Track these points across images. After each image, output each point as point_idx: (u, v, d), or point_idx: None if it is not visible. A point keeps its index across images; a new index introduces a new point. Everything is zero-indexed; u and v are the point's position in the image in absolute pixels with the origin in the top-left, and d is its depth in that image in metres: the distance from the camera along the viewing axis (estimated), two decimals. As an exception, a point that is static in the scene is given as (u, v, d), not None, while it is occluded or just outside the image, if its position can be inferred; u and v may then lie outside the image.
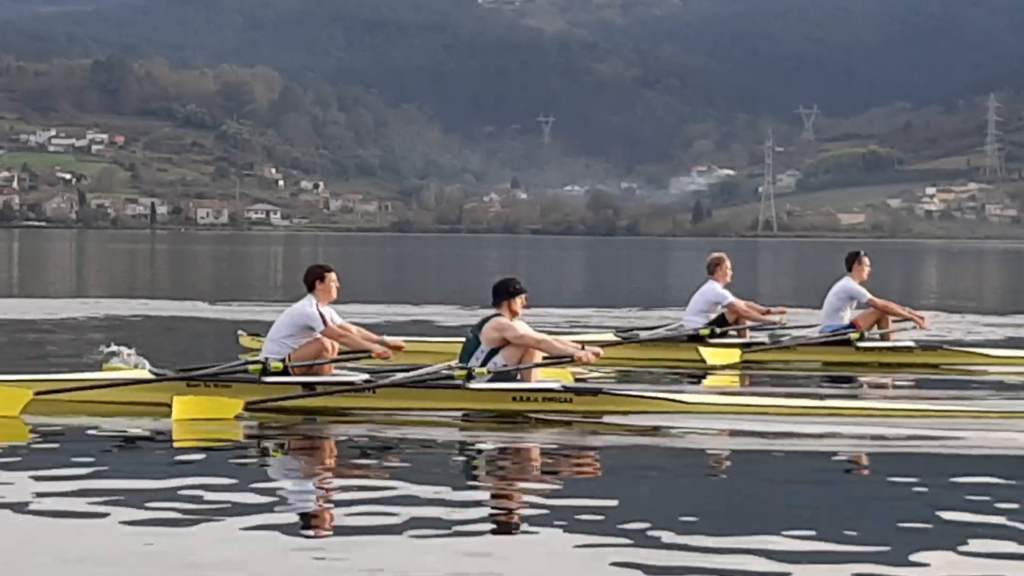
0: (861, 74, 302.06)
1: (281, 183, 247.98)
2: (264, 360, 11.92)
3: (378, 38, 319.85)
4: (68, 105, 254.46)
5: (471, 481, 9.18)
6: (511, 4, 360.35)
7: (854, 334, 16.31)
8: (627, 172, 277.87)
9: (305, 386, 11.71)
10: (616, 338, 16.94)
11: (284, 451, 10.34)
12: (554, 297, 30.67)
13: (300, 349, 11.99)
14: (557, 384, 11.99)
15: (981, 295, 40.88)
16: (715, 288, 16.80)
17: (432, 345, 16.51)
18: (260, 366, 11.87)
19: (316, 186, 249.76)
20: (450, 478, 8.98)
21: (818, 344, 16.50)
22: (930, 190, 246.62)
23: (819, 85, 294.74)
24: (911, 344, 16.68)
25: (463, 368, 11.75)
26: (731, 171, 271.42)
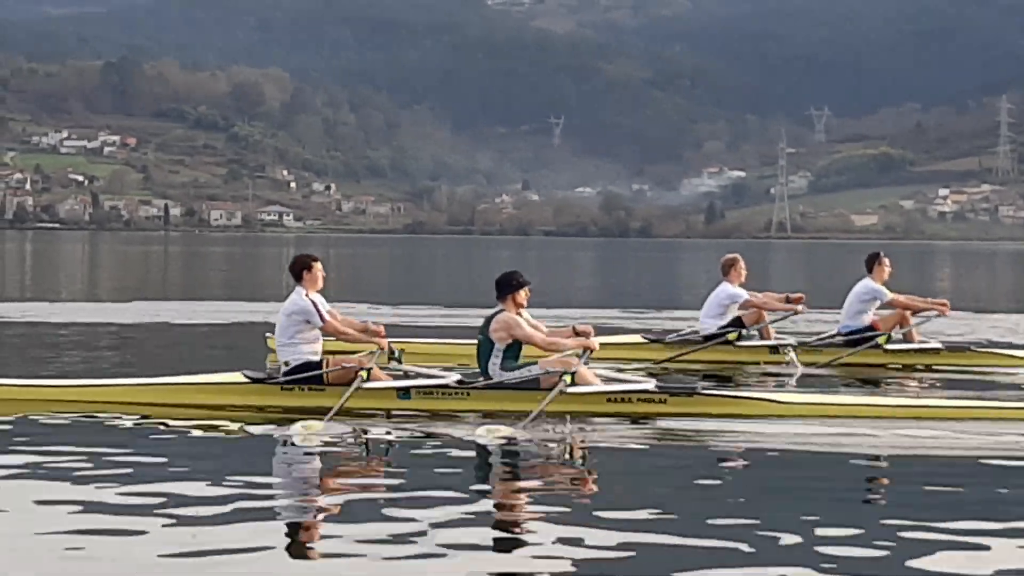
0: (871, 75, 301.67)
1: (293, 185, 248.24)
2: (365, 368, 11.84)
3: (388, 39, 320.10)
4: (80, 107, 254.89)
5: (554, 482, 9.13)
6: (520, 5, 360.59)
7: (881, 338, 16.26)
8: (637, 173, 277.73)
9: (400, 390, 11.82)
10: (643, 339, 16.97)
11: (369, 450, 10.41)
12: (571, 298, 30.55)
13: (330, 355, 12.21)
14: (651, 385, 11.98)
15: (995, 296, 40.74)
16: (728, 289, 16.67)
17: (451, 347, 16.54)
18: (366, 372, 11.79)
19: (328, 188, 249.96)
20: (535, 478, 9.13)
21: (844, 346, 16.44)
22: (943, 191, 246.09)
23: (829, 86, 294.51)
24: (938, 346, 16.67)
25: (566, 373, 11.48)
26: (742, 172, 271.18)
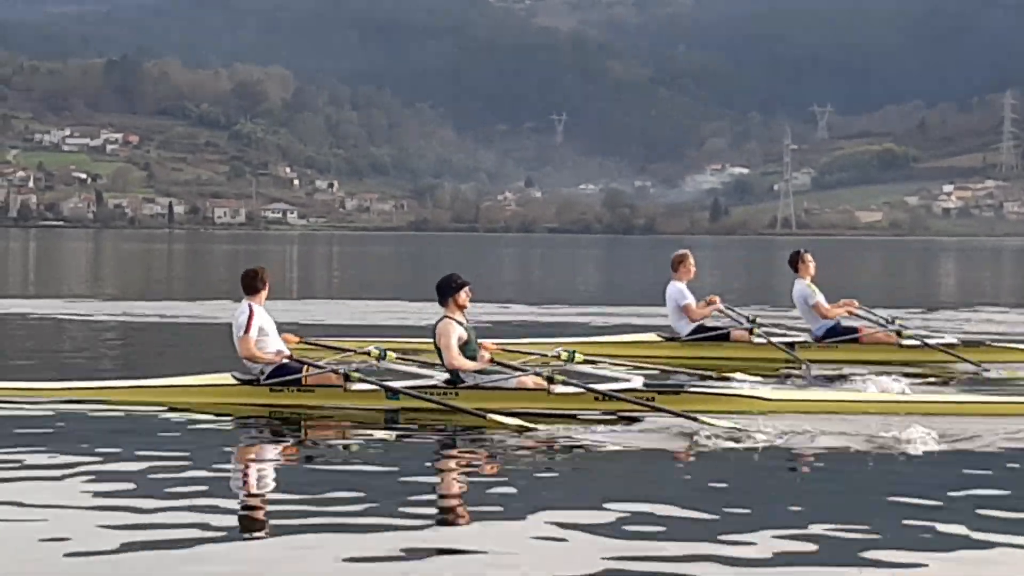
0: (874, 73, 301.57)
1: (296, 182, 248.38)
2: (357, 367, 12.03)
3: (390, 37, 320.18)
4: (82, 105, 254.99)
5: (548, 480, 9.13)
6: (521, 3, 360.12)
7: (894, 330, 16.38)
8: (640, 171, 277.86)
9: (388, 390, 11.78)
10: (659, 338, 17.01)
11: (362, 451, 10.37)
12: (576, 295, 30.47)
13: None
14: (639, 383, 11.95)
15: (998, 292, 40.72)
16: (677, 287, 16.73)
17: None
18: (344, 375, 11.86)
19: (331, 185, 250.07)
20: (528, 478, 9.08)
21: (862, 343, 16.41)
22: (947, 188, 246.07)
23: (832, 84, 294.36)
24: (954, 341, 16.61)
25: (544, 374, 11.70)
26: (745, 169, 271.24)
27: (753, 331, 16.45)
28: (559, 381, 11.56)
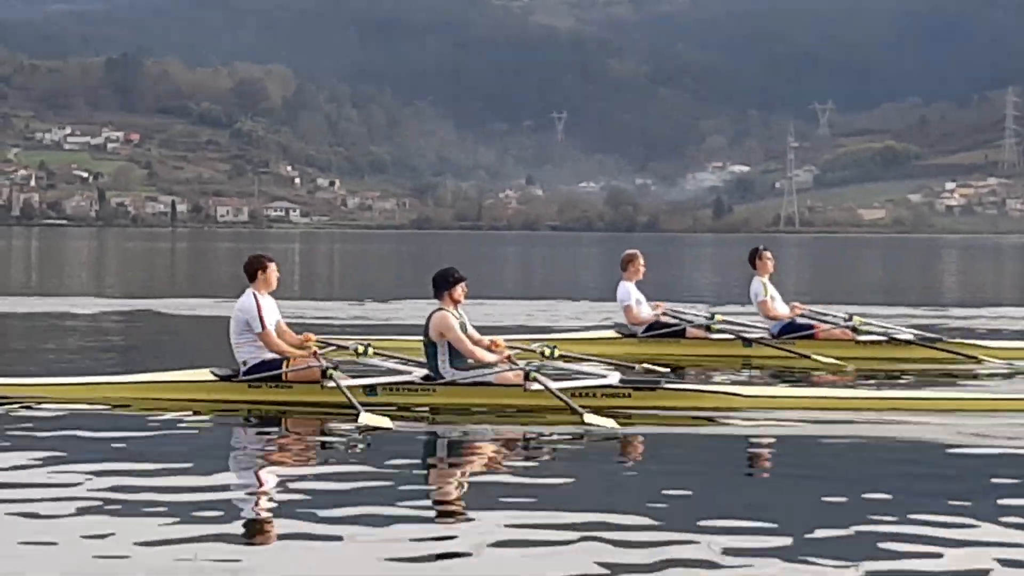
0: (873, 70, 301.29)
1: (297, 181, 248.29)
2: (325, 366, 11.87)
3: (390, 36, 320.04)
4: (83, 103, 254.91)
5: (523, 476, 9.06)
6: (519, 0, 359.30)
7: (851, 324, 16.47)
8: (641, 169, 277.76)
9: (366, 388, 11.81)
10: (617, 334, 17.03)
11: (342, 445, 10.34)
12: (581, 292, 30.45)
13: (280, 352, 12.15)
14: (616, 379, 11.95)
15: (999, 288, 40.83)
16: (622, 288, 16.85)
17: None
18: (320, 370, 11.83)
19: (332, 183, 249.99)
20: (504, 474, 9.08)
21: (819, 340, 16.44)
22: (949, 185, 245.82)
23: (832, 81, 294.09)
24: (910, 338, 16.64)
25: (521, 369, 11.69)
26: (745, 167, 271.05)
27: (711, 327, 16.51)
28: (533, 378, 11.53)
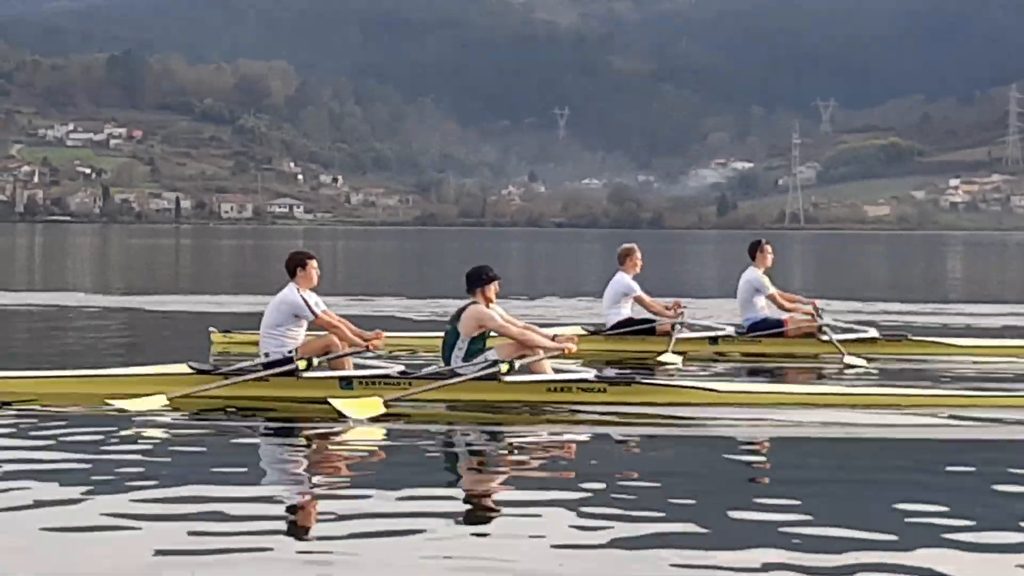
0: (875, 67, 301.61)
1: (300, 177, 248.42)
2: (305, 357, 11.92)
3: (393, 33, 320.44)
4: (85, 100, 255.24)
5: (498, 471, 9.09)
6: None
7: (815, 325, 16.46)
8: (643, 165, 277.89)
9: (342, 380, 11.78)
10: (583, 331, 16.95)
11: (314, 442, 10.19)
12: (586, 289, 30.38)
13: (310, 344, 12.10)
14: (591, 374, 11.97)
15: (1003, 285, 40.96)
16: (623, 279, 16.86)
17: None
18: (305, 362, 11.87)
19: (335, 180, 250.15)
20: (477, 468, 9.08)
21: (785, 336, 16.52)
22: (954, 182, 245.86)
23: (834, 78, 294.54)
24: (875, 335, 16.64)
25: (499, 362, 11.67)
26: (748, 164, 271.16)
27: (674, 326, 16.45)
28: (511, 371, 11.56)
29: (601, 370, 12.77)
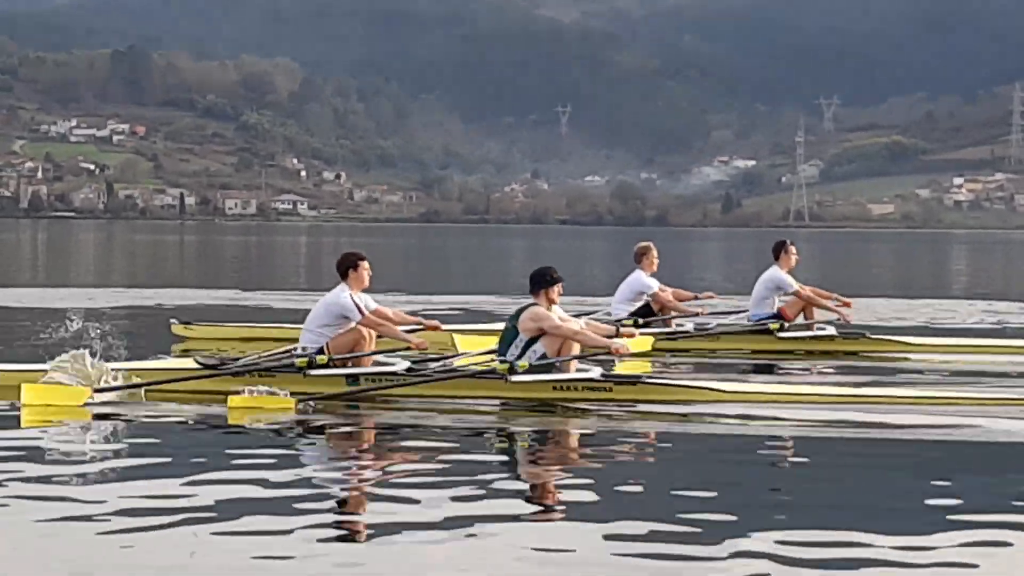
0: (879, 64, 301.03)
1: (303, 174, 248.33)
2: (309, 353, 11.97)
3: (396, 29, 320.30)
4: (89, 95, 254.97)
5: (505, 469, 9.16)
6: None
7: (773, 324, 16.50)
8: (647, 163, 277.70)
9: (348, 377, 11.80)
10: None
11: (324, 438, 10.26)
12: (591, 287, 30.34)
13: (337, 338, 12.06)
14: (597, 373, 12.01)
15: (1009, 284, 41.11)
16: (640, 278, 16.99)
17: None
18: (306, 360, 11.89)
19: (338, 176, 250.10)
20: (485, 466, 9.04)
21: (741, 333, 16.64)
22: (958, 180, 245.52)
23: (837, 75, 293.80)
24: (832, 333, 16.75)
25: (504, 362, 11.77)
26: (752, 162, 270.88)
27: (637, 323, 16.45)
28: (518, 369, 11.61)
29: (609, 369, 12.83)
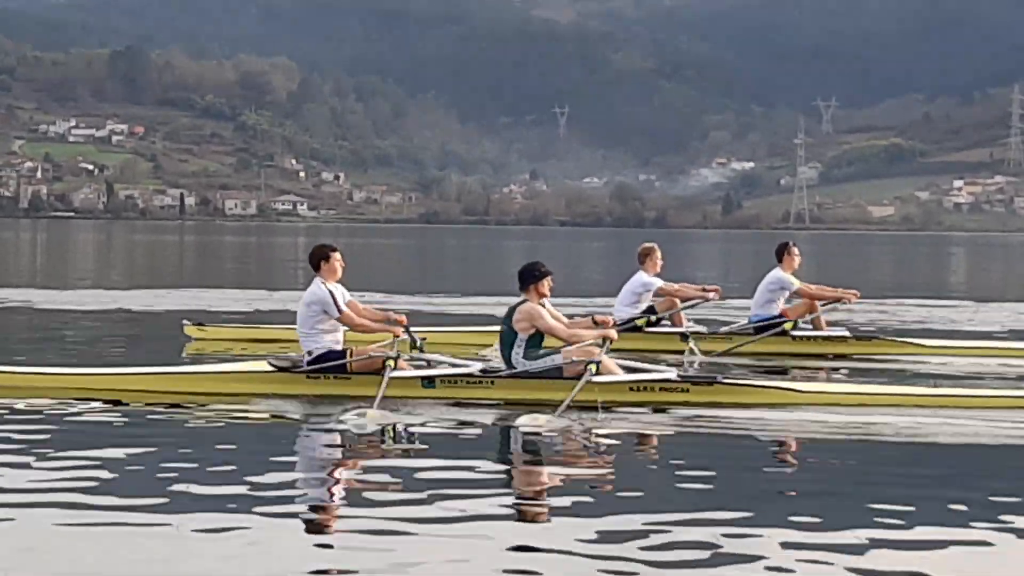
0: (876, 66, 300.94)
1: (302, 174, 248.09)
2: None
3: (393, 28, 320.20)
4: (87, 95, 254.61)
5: (573, 469, 9.16)
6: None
7: (788, 324, 16.54)
8: (644, 164, 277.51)
9: (424, 379, 11.89)
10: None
11: (401, 437, 10.36)
12: (593, 288, 30.38)
13: (360, 347, 12.24)
14: (673, 374, 12.07)
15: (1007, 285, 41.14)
16: (642, 278, 16.95)
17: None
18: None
19: (337, 177, 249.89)
20: (559, 465, 9.17)
21: (752, 334, 16.61)
22: (957, 183, 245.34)
23: (834, 77, 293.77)
24: (846, 334, 16.80)
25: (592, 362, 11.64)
26: (750, 163, 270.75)
27: (650, 321, 16.61)
28: (600, 371, 11.60)
29: (687, 369, 12.87)
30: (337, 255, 12.37)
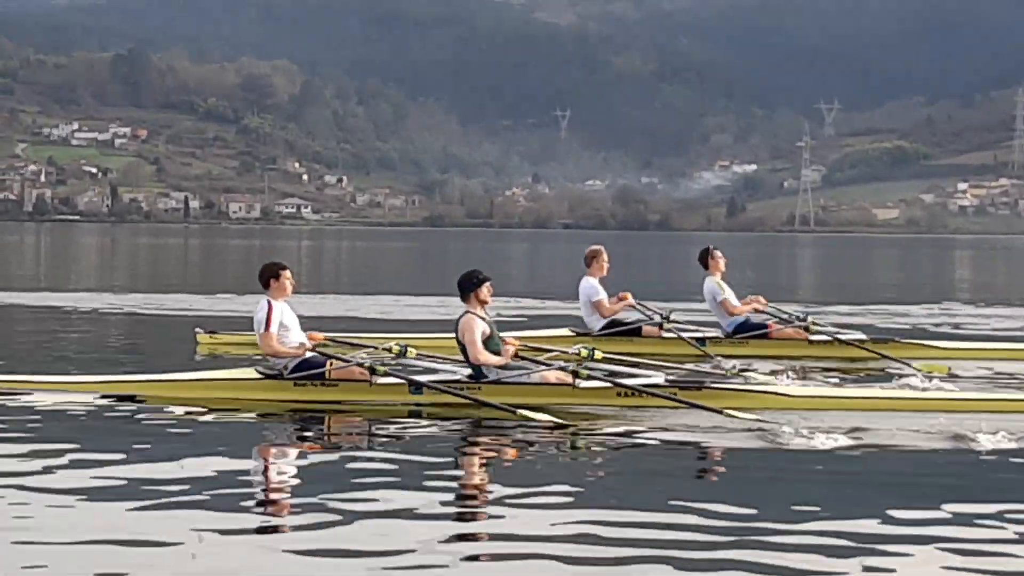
0: (877, 68, 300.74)
1: (305, 177, 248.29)
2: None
3: (395, 31, 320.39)
4: (89, 98, 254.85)
5: (560, 474, 9.12)
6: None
7: (813, 326, 16.66)
8: (645, 166, 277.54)
9: (412, 385, 11.88)
10: (571, 332, 17.06)
11: (386, 446, 10.32)
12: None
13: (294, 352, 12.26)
14: (661, 378, 12.06)
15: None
16: (590, 282, 17.01)
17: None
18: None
19: (339, 180, 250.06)
20: (542, 472, 9.15)
21: (771, 339, 16.65)
22: (962, 186, 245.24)
23: (835, 79, 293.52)
24: (863, 336, 16.82)
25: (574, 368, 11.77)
26: (752, 166, 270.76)
27: (663, 326, 16.67)
28: (584, 376, 11.67)
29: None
30: (287, 273, 12.44)
